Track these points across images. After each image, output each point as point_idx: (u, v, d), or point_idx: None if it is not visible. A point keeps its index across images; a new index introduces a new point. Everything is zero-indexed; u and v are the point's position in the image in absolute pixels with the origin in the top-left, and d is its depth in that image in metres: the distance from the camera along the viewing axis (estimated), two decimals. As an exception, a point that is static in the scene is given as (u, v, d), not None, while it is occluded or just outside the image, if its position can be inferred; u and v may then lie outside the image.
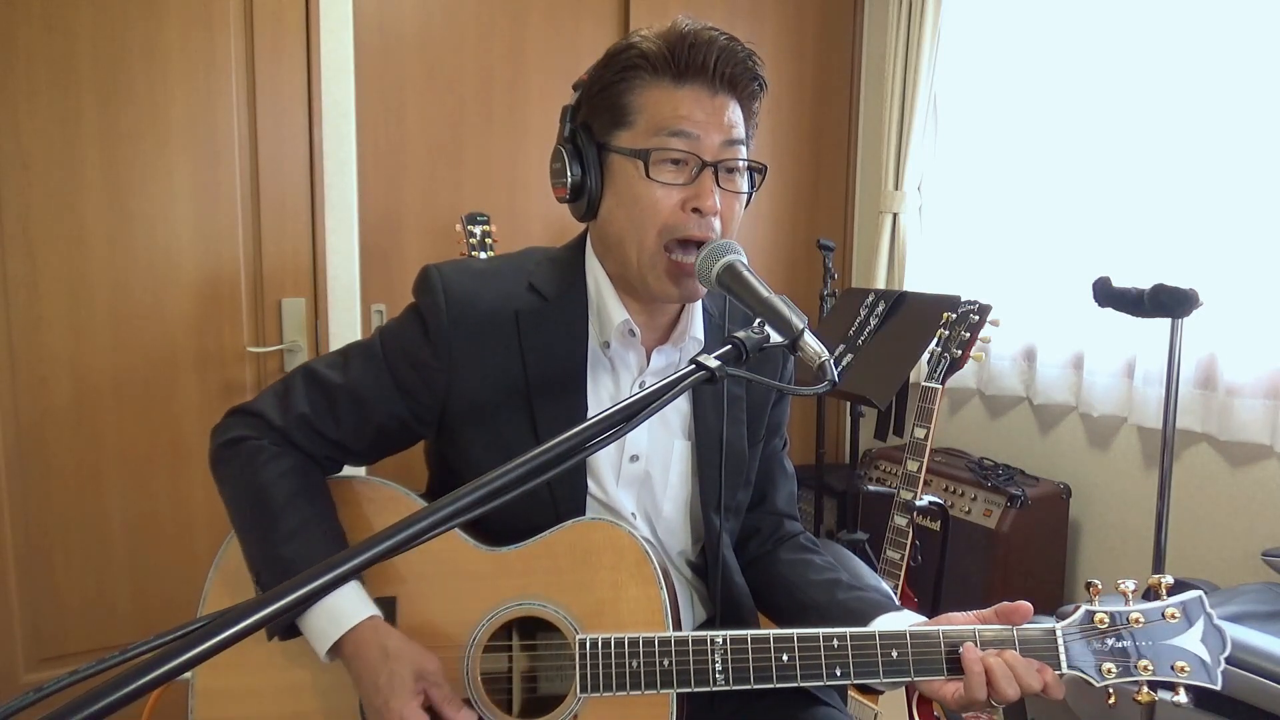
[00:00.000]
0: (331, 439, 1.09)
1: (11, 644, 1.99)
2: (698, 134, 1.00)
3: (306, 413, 1.07)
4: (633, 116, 1.02)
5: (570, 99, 1.09)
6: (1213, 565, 2.29)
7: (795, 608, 1.15)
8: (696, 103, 1.00)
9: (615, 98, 1.02)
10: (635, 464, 1.13)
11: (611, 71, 1.03)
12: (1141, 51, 2.38)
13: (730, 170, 1.04)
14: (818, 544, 1.26)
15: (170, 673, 0.49)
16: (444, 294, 1.07)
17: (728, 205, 1.04)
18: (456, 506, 0.61)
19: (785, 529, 1.27)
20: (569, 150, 1.05)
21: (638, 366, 1.12)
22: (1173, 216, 2.32)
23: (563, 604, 1.04)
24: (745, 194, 1.08)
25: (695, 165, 1.00)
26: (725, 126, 1.01)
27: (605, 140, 1.04)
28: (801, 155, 3.20)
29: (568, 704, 1.01)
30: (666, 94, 1.00)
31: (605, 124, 1.04)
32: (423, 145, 2.49)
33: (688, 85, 1.00)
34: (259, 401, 1.11)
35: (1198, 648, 0.92)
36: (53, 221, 1.96)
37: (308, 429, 1.08)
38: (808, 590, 1.15)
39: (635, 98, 1.01)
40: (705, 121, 1.00)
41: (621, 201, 1.03)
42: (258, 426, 1.09)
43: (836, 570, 1.18)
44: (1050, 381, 2.66)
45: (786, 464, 1.30)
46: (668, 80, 1.00)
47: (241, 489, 1.06)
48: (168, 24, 2.03)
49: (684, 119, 0.99)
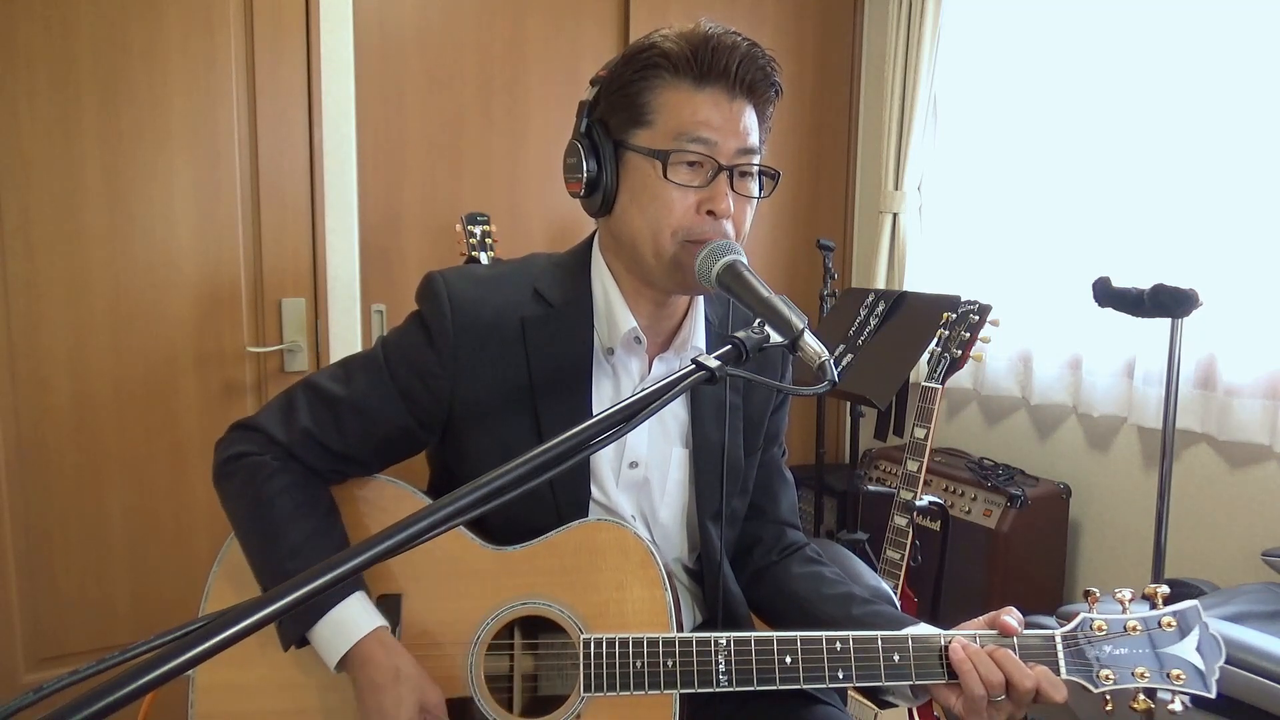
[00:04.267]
0: (336, 451, 1.08)
1: (11, 644, 1.99)
2: (715, 139, 1.00)
3: (310, 427, 1.07)
4: (651, 116, 1.02)
5: (571, 99, 1.09)
6: (1213, 565, 2.29)
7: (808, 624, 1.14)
8: (715, 107, 1.00)
9: (634, 96, 1.02)
10: (634, 470, 1.13)
11: (632, 69, 1.03)
12: (1141, 51, 2.38)
13: (744, 175, 1.04)
14: (824, 556, 1.26)
15: (170, 673, 0.49)
16: (449, 301, 1.07)
17: (740, 209, 1.04)
18: (458, 506, 0.62)
19: (789, 539, 1.27)
20: (585, 145, 1.05)
21: (639, 374, 1.13)
22: (1173, 216, 2.32)
23: (567, 604, 1.04)
24: (756, 199, 1.08)
25: (711, 168, 1.01)
26: (742, 133, 1.02)
27: (622, 138, 1.04)
28: (801, 155, 3.20)
29: (571, 703, 1.01)
30: (686, 96, 1.00)
31: (623, 121, 1.04)
32: (423, 145, 2.49)
33: (708, 89, 1.00)
34: (262, 417, 1.10)
35: (1193, 656, 0.93)
36: (53, 221, 1.96)
37: (312, 443, 1.07)
38: (821, 605, 1.15)
39: (655, 97, 1.02)
40: (723, 127, 1.00)
41: (636, 199, 1.03)
42: (260, 442, 1.08)
43: (848, 584, 1.18)
44: (1050, 381, 2.66)
45: (785, 473, 1.30)
46: (688, 82, 1.01)
47: (245, 505, 1.06)
48: (168, 24, 2.03)
49: (703, 124, 1.00)
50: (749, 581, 1.24)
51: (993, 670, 0.92)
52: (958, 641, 0.95)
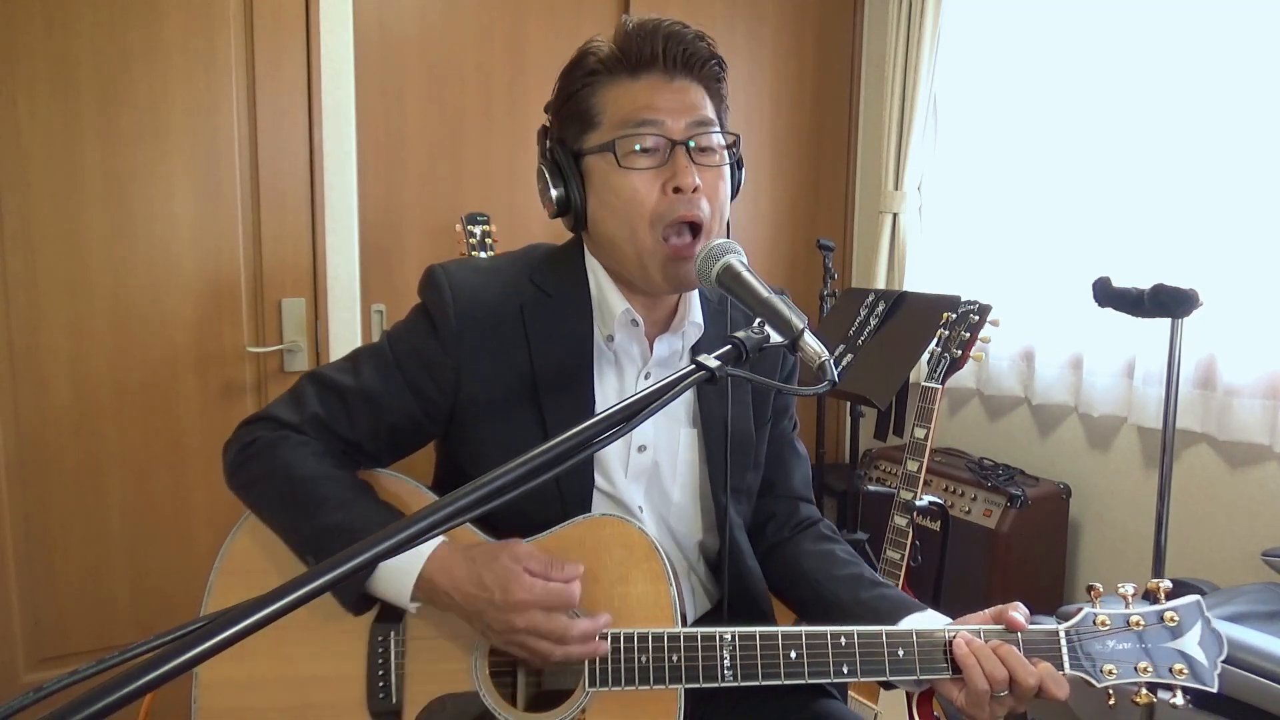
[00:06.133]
0: (347, 438, 1.09)
1: (11, 644, 1.99)
2: (662, 119, 1.01)
3: (320, 413, 1.07)
4: (599, 117, 1.04)
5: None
6: (1213, 565, 2.29)
7: (818, 601, 1.15)
8: (655, 91, 1.02)
9: (579, 104, 1.05)
10: (643, 454, 1.13)
11: (572, 81, 1.06)
12: (1141, 51, 2.38)
13: (704, 149, 1.04)
14: (837, 532, 1.26)
15: (170, 673, 0.49)
16: (450, 291, 1.08)
17: (710, 183, 1.04)
18: (463, 504, 0.62)
19: (803, 513, 1.27)
20: (549, 167, 1.07)
21: (641, 357, 1.13)
22: (1173, 216, 2.32)
23: None
24: (727, 169, 1.08)
25: (665, 148, 1.02)
26: (689, 108, 1.03)
27: (578, 147, 1.06)
28: (801, 155, 3.20)
29: (576, 698, 1.01)
30: (625, 89, 1.03)
31: (575, 132, 1.06)
32: (423, 145, 2.49)
33: (644, 76, 1.03)
34: (269, 408, 1.10)
35: (1195, 651, 0.94)
36: (53, 221, 1.96)
37: (322, 428, 1.08)
38: (831, 585, 1.15)
39: (598, 99, 1.04)
40: (666, 106, 1.02)
41: (604, 201, 1.04)
42: (272, 426, 1.08)
43: (859, 564, 1.18)
44: (1050, 381, 2.66)
45: (798, 445, 1.30)
46: (624, 76, 1.03)
47: (272, 476, 1.04)
48: (168, 24, 2.03)
49: (645, 108, 1.01)
50: (763, 557, 1.24)
51: (997, 666, 0.92)
52: (962, 637, 0.95)
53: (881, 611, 1.06)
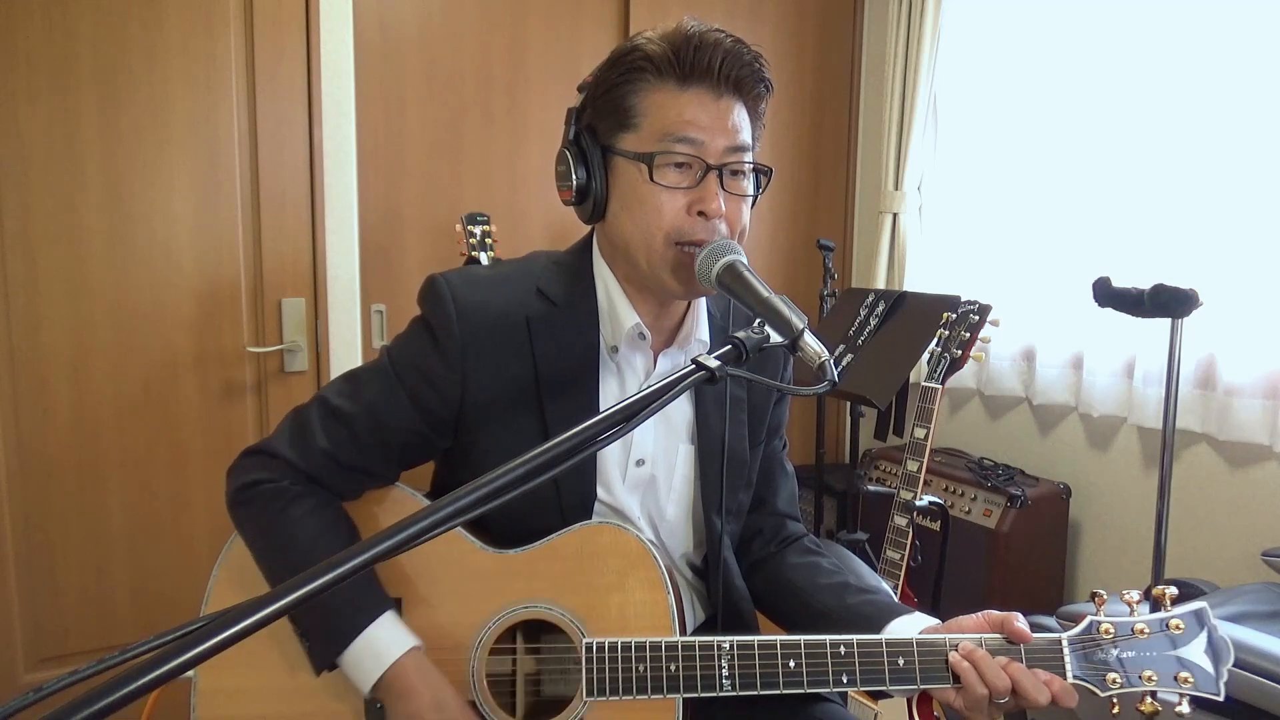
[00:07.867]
0: (357, 467, 1.08)
1: (11, 644, 1.99)
2: (702, 139, 0.99)
3: (327, 448, 1.06)
4: (637, 120, 1.01)
5: (571, 99, 1.09)
6: (1213, 565, 2.29)
7: (804, 612, 1.14)
8: (701, 106, 0.99)
9: (619, 100, 1.01)
10: (641, 468, 1.13)
11: (616, 74, 1.02)
12: (1141, 51, 2.38)
13: (735, 173, 1.03)
14: (822, 546, 1.25)
15: (170, 673, 0.49)
16: (453, 303, 1.06)
17: (733, 208, 1.03)
18: (458, 506, 0.61)
19: (788, 530, 1.27)
20: (573, 153, 1.05)
21: (644, 371, 1.12)
22: (1173, 216, 2.32)
23: (569, 607, 1.04)
24: (751, 197, 1.07)
25: (700, 169, 1.00)
26: (730, 130, 1.00)
27: (610, 143, 1.03)
28: (801, 155, 3.20)
29: (574, 707, 1.01)
30: (671, 97, 0.99)
31: (610, 127, 1.03)
32: (423, 145, 2.49)
33: (692, 88, 0.99)
34: (276, 442, 1.09)
35: (1201, 659, 0.92)
36: (53, 221, 1.96)
37: (331, 463, 1.07)
38: (817, 595, 1.14)
39: (639, 100, 1.00)
40: (710, 126, 0.99)
41: (626, 205, 1.03)
42: (277, 468, 1.07)
43: (844, 573, 1.17)
44: (1050, 381, 2.66)
45: (786, 464, 1.30)
46: (672, 83, 0.99)
47: (265, 531, 1.05)
48: (168, 24, 2.02)
49: (689, 124, 0.98)
50: (748, 572, 1.24)
51: (1000, 676, 0.91)
52: (963, 648, 0.94)
53: (869, 617, 1.05)
